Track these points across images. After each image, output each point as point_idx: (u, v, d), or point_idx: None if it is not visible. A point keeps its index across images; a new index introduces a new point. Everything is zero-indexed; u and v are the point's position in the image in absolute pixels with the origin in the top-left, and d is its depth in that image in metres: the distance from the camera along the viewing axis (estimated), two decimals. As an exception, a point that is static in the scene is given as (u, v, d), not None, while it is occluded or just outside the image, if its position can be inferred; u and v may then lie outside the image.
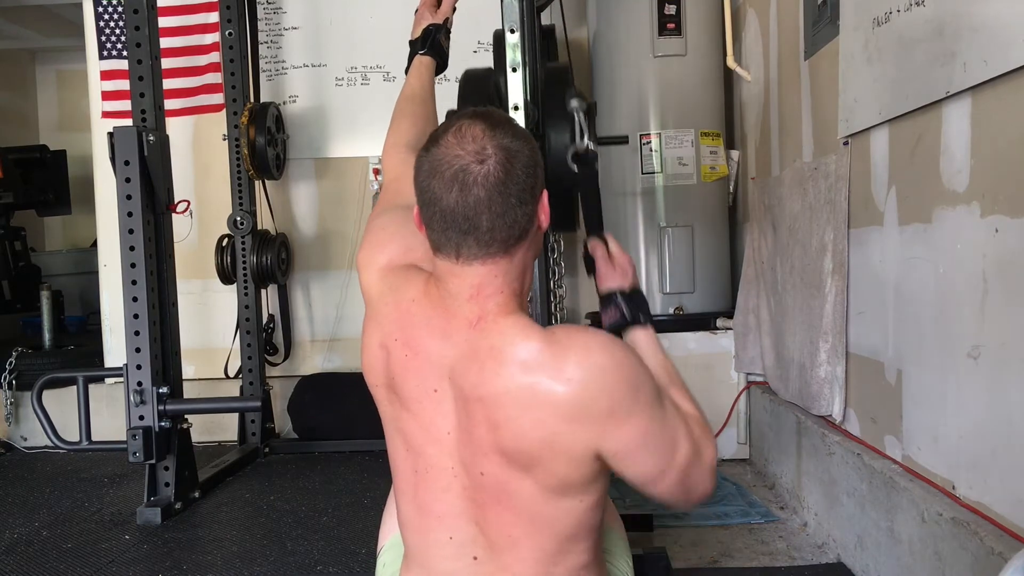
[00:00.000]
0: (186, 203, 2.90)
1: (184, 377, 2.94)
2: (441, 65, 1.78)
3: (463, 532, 1.16)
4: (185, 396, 2.93)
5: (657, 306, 3.46)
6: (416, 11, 1.84)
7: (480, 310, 1.11)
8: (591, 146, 1.68)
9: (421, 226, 1.15)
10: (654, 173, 3.46)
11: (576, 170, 1.69)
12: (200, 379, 3.75)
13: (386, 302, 1.21)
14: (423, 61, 1.73)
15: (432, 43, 1.74)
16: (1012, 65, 1.47)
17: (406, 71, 1.76)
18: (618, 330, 1.46)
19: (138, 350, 2.70)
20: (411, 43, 1.79)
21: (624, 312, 1.47)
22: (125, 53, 2.87)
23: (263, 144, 3.49)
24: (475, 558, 1.17)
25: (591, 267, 1.52)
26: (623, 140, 2.42)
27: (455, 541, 1.16)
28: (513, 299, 1.13)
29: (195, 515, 2.76)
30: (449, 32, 1.82)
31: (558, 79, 2.08)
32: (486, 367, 1.08)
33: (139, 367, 2.69)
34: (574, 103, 1.71)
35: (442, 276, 1.14)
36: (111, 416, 3.58)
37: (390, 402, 1.20)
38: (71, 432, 2.83)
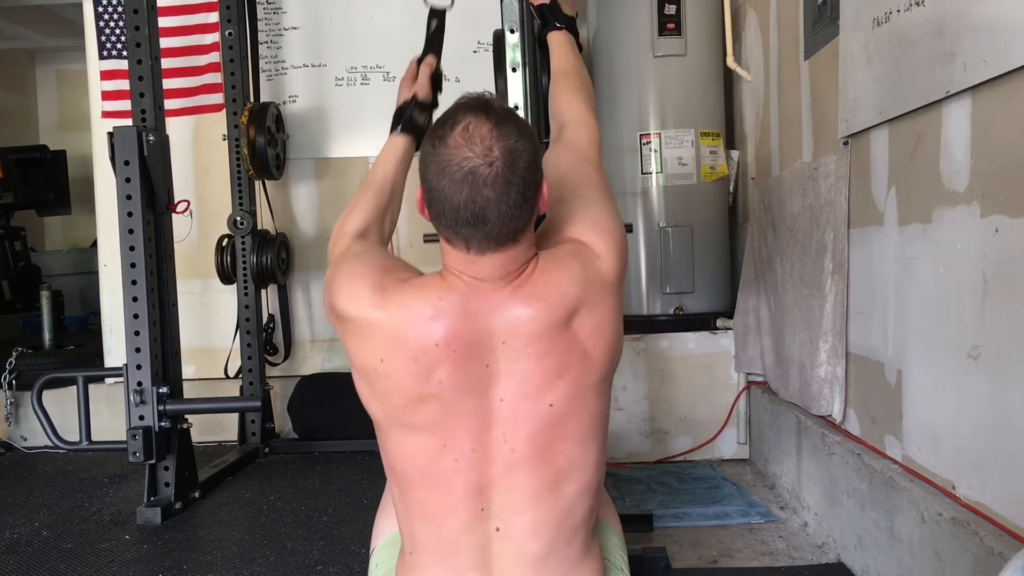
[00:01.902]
0: (186, 203, 2.90)
1: (184, 377, 2.94)
2: (418, 139, 1.66)
3: (494, 502, 1.23)
4: (185, 396, 2.93)
5: (657, 306, 3.47)
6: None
7: (515, 276, 1.21)
8: None
9: (424, 210, 1.22)
10: (654, 173, 3.46)
11: None
12: (200, 379, 3.75)
13: (410, 306, 1.21)
14: (395, 144, 1.65)
15: (405, 121, 1.67)
16: (1012, 65, 1.47)
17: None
18: (541, 37, 1.78)
19: (138, 350, 2.69)
20: (393, 117, 1.73)
21: (547, 19, 1.78)
22: (125, 53, 2.87)
23: (263, 144, 3.48)
24: (497, 529, 1.24)
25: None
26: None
27: (485, 512, 1.23)
28: (533, 254, 1.25)
29: (195, 515, 2.76)
30: (426, 106, 1.72)
31: None
32: (553, 298, 1.20)
33: (139, 367, 2.69)
34: None
35: (458, 265, 1.22)
36: (111, 416, 3.58)
37: (422, 413, 1.21)
38: (71, 432, 2.83)
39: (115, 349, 3.83)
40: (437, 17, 1.86)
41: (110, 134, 2.71)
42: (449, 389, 1.20)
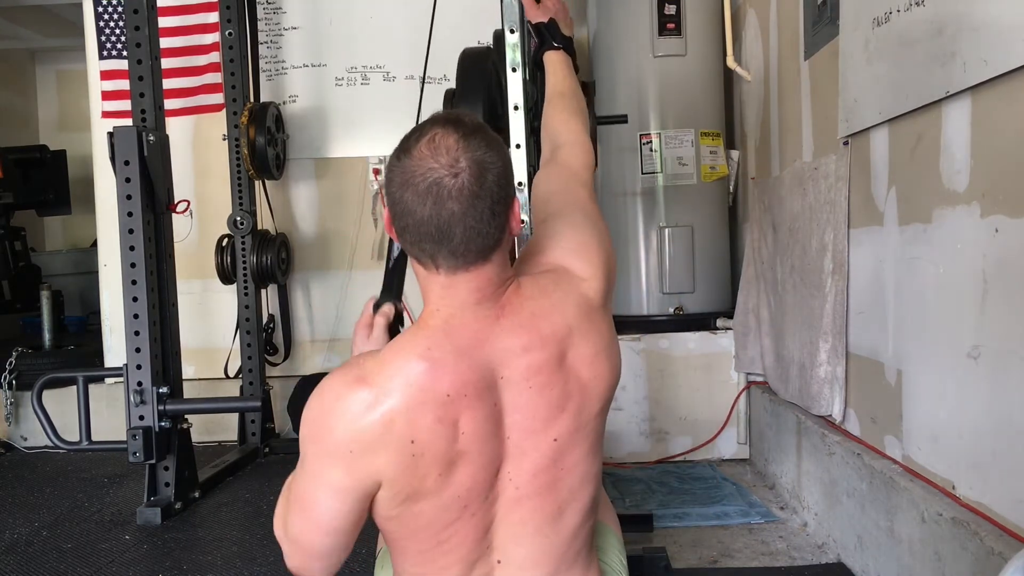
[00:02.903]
0: (186, 203, 2.90)
1: (184, 377, 2.94)
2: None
3: (495, 539, 1.20)
4: (185, 396, 2.93)
5: (657, 306, 3.47)
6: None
7: (494, 302, 1.14)
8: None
9: (391, 228, 1.15)
10: (654, 173, 3.46)
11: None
12: (200, 379, 3.75)
13: (402, 381, 1.10)
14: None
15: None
16: (1012, 65, 1.47)
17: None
18: (538, 56, 1.79)
19: (138, 350, 2.69)
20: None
21: (536, 39, 1.80)
22: (125, 53, 2.87)
23: (263, 144, 3.48)
24: (499, 562, 1.21)
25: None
26: (623, 119, 2.42)
27: (489, 549, 1.21)
28: (510, 276, 1.18)
29: (195, 515, 2.76)
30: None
31: None
32: (543, 328, 1.16)
33: (139, 367, 2.69)
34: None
35: (433, 296, 1.14)
36: (111, 416, 3.58)
37: (454, 476, 1.13)
38: (71, 432, 2.83)
39: (115, 349, 3.83)
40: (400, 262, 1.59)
41: (110, 134, 2.71)
42: (472, 440, 1.13)
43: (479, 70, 2.15)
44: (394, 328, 1.44)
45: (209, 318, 3.84)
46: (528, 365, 1.15)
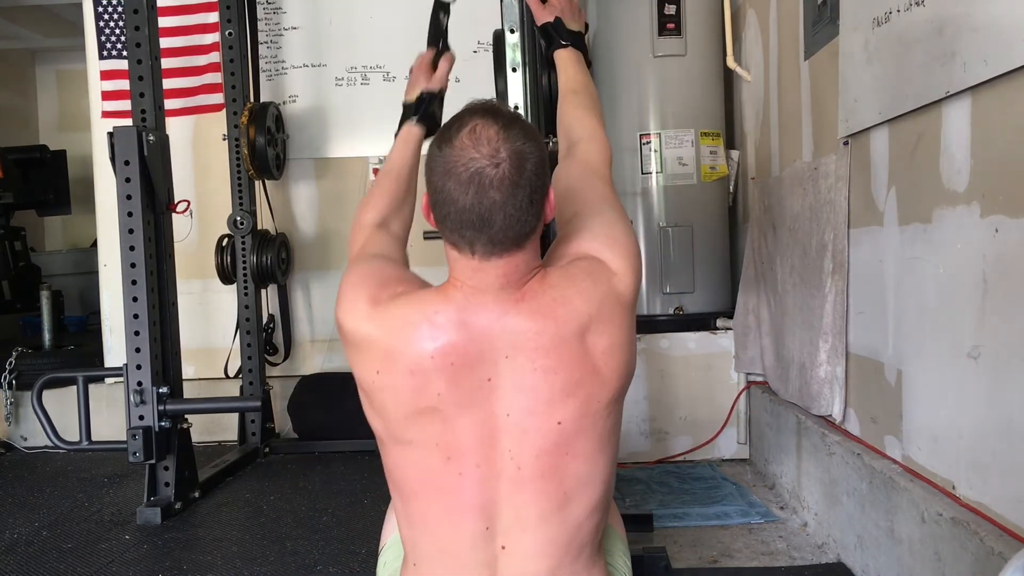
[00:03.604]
0: (186, 203, 2.90)
1: (184, 377, 2.94)
2: (431, 131, 1.71)
3: (499, 519, 1.21)
4: (185, 396, 2.93)
5: (657, 306, 3.47)
6: (410, 71, 1.78)
7: (517, 288, 1.18)
8: None
9: (429, 215, 1.20)
10: (654, 173, 3.46)
11: None
12: (200, 379, 3.75)
13: (402, 327, 1.19)
14: (413, 132, 1.68)
15: (425, 112, 1.70)
16: (1012, 65, 1.46)
17: (396, 134, 1.71)
18: (548, 53, 1.78)
19: (138, 350, 2.69)
20: (404, 106, 1.74)
21: (544, 40, 1.79)
22: (125, 53, 2.87)
23: (263, 144, 3.49)
24: (503, 547, 1.22)
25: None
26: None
27: (490, 531, 1.21)
28: (538, 265, 1.22)
29: (195, 515, 2.76)
30: (443, 100, 1.76)
31: None
32: (561, 314, 1.18)
33: (139, 367, 2.69)
34: None
35: (461, 274, 1.19)
36: (111, 416, 3.58)
37: (424, 427, 1.20)
38: (71, 432, 2.83)
39: (115, 349, 3.83)
40: (444, 10, 1.87)
41: (110, 134, 2.71)
42: (450, 403, 1.18)
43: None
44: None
45: (209, 318, 3.85)
46: (536, 348, 1.17)
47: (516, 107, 2.00)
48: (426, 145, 1.35)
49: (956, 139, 1.70)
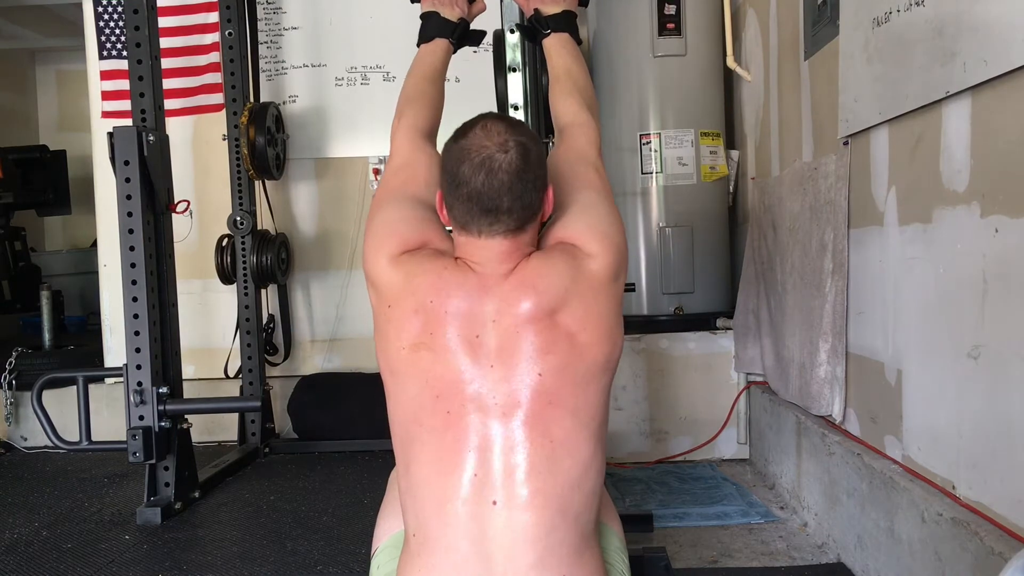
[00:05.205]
0: (186, 203, 2.89)
1: (184, 377, 2.93)
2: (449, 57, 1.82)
3: (488, 467, 1.25)
4: (185, 396, 2.93)
5: (657, 306, 3.47)
6: None
7: (509, 266, 1.32)
8: None
9: (443, 210, 1.36)
10: (654, 173, 3.46)
11: None
12: (200, 379, 3.74)
13: (416, 274, 1.33)
14: (448, 48, 1.77)
15: (460, 39, 1.79)
16: (1012, 65, 1.47)
17: (419, 42, 1.76)
18: (540, 38, 1.78)
19: (138, 350, 2.69)
20: (436, 18, 1.77)
21: (541, 23, 1.78)
22: (125, 53, 2.87)
23: (263, 144, 3.48)
24: (494, 503, 1.25)
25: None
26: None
27: (479, 479, 1.25)
28: (531, 250, 1.36)
29: (195, 515, 2.76)
30: (471, 38, 1.85)
31: None
32: (539, 287, 1.30)
33: (139, 367, 2.69)
34: None
35: (465, 251, 1.33)
36: (111, 416, 3.58)
37: (417, 361, 1.30)
38: (71, 432, 2.82)
39: (115, 349, 3.83)
40: None
41: (110, 134, 2.71)
42: (441, 346, 1.29)
43: None
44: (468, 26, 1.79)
45: (209, 318, 3.84)
46: (518, 313, 1.29)
47: (516, 107, 2.00)
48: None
49: (956, 139, 1.70)
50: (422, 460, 1.29)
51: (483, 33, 1.87)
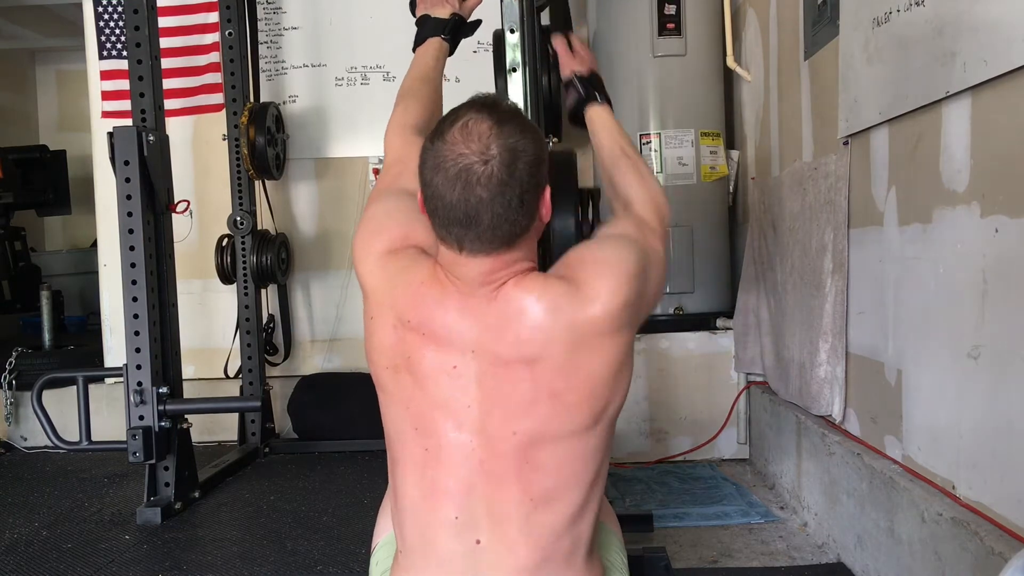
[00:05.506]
0: (186, 203, 2.90)
1: (184, 377, 2.93)
2: (450, 54, 1.77)
3: (470, 511, 1.18)
4: (185, 396, 2.93)
5: (657, 306, 3.47)
6: None
7: (495, 287, 1.16)
8: None
9: (424, 211, 1.19)
10: (654, 173, 3.46)
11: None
12: (200, 379, 3.74)
13: (396, 284, 1.22)
14: (442, 46, 1.70)
15: (455, 34, 1.73)
16: (1012, 65, 1.47)
17: (415, 47, 1.73)
18: (578, 109, 1.65)
19: (138, 350, 2.69)
20: (429, 20, 1.74)
21: (580, 92, 1.65)
22: (125, 53, 2.87)
23: (263, 144, 3.48)
24: (478, 542, 1.19)
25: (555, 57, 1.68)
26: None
27: (460, 521, 1.18)
28: (524, 267, 1.19)
29: (195, 515, 2.76)
30: (466, 31, 1.80)
31: (567, 164, 2.07)
32: (522, 328, 1.15)
33: (139, 367, 2.69)
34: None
35: (448, 264, 1.18)
36: (111, 416, 3.58)
37: (399, 384, 1.21)
38: (71, 432, 2.82)
39: (115, 349, 3.83)
40: None
41: (110, 134, 2.71)
42: (420, 373, 1.19)
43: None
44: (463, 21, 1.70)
45: (209, 318, 3.84)
46: (498, 353, 1.16)
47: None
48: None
49: (956, 139, 1.70)
50: (407, 484, 1.24)
51: (477, 23, 1.82)
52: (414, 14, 1.79)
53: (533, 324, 1.15)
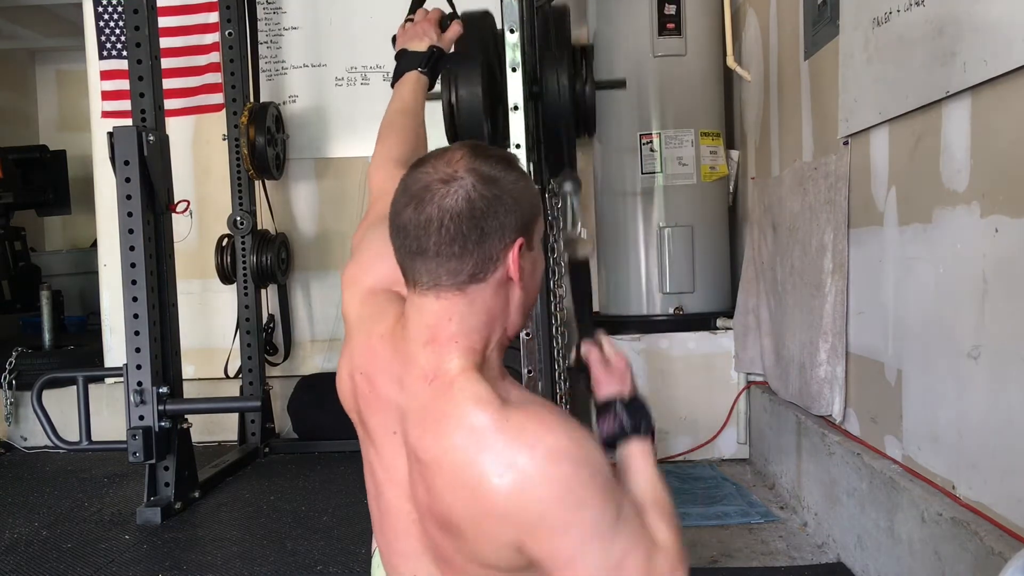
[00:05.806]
0: (186, 203, 2.90)
1: (184, 377, 2.94)
2: (430, 87, 1.69)
3: (425, 572, 1.10)
4: (185, 396, 2.93)
5: (657, 306, 3.47)
6: (409, 21, 1.74)
7: (437, 364, 1.01)
8: (583, 233, 1.48)
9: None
10: (654, 173, 3.46)
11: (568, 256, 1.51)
12: (200, 379, 3.74)
13: (358, 331, 1.16)
14: (420, 79, 1.64)
15: (434, 67, 1.66)
16: (1012, 65, 1.47)
17: (393, 83, 1.67)
18: (615, 441, 1.34)
19: (138, 350, 2.69)
20: (406, 54, 1.69)
21: (624, 423, 1.34)
22: (125, 53, 2.87)
23: (263, 144, 3.49)
24: None
25: (585, 373, 1.33)
26: (620, 84, 2.40)
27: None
28: (473, 355, 1.02)
29: (195, 515, 2.76)
30: (445, 63, 1.73)
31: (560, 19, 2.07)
32: (431, 431, 0.99)
33: (139, 367, 2.69)
34: (568, 187, 1.50)
35: (407, 310, 1.07)
36: (111, 416, 3.58)
37: (361, 431, 1.17)
38: (71, 432, 2.83)
39: (115, 349, 3.83)
40: None
41: (110, 134, 2.71)
42: (369, 427, 1.12)
43: (477, 34, 2.09)
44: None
45: (209, 318, 3.84)
46: (410, 483, 1.06)
47: (516, 107, 2.00)
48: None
49: (956, 139, 1.70)
50: (379, 540, 1.21)
51: (457, 55, 1.76)
52: (395, 48, 1.76)
53: (438, 433, 0.99)
